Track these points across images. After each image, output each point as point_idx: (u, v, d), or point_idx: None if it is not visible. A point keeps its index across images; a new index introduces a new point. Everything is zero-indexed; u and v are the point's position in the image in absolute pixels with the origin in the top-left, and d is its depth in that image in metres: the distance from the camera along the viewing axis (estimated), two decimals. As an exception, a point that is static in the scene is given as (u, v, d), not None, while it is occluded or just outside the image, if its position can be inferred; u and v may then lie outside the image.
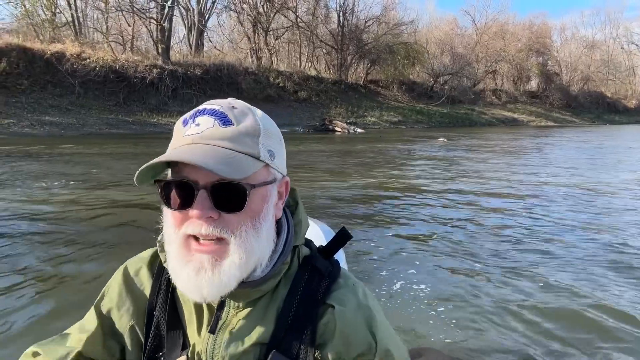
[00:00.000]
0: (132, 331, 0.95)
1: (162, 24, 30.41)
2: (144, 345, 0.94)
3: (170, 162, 0.80)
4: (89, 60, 25.91)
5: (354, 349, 0.88)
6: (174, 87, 27.74)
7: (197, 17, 33.75)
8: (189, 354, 0.89)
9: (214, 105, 0.85)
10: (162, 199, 0.83)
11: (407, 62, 44.00)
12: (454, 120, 41.11)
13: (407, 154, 15.78)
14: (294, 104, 33.67)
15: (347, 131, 27.19)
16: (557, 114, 53.24)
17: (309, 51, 42.83)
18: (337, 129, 27.53)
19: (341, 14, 42.71)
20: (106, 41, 31.06)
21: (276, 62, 40.37)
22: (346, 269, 1.07)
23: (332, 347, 0.88)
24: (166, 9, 30.66)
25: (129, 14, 31.61)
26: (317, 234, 2.34)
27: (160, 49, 30.60)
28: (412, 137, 24.29)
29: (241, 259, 0.81)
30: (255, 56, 37.69)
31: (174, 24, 33.76)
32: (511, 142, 22.60)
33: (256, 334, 0.86)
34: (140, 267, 0.99)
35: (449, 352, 2.86)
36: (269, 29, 38.75)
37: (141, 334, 0.95)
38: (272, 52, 39.79)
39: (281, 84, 34.19)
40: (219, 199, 0.79)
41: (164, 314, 0.93)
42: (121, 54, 28.94)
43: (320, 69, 43.00)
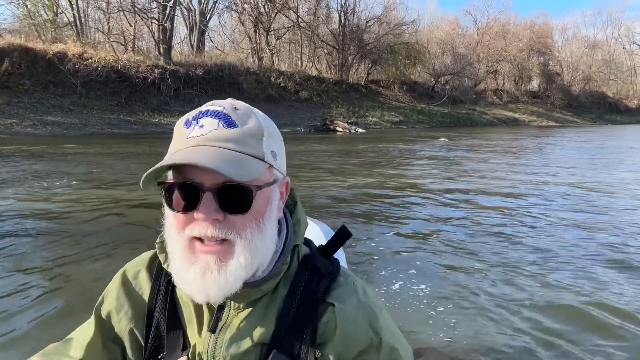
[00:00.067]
0: (131, 334, 0.95)
1: (163, 24, 30.47)
2: (144, 346, 0.93)
3: (174, 164, 0.79)
4: (90, 60, 25.99)
5: (356, 346, 0.88)
6: (176, 87, 27.81)
7: (199, 17, 33.82)
8: (190, 355, 0.89)
9: (217, 106, 0.84)
10: (165, 202, 0.82)
11: (409, 62, 43.98)
12: (455, 120, 41.10)
13: (408, 154, 15.79)
14: (295, 104, 33.71)
15: (348, 131, 27.22)
16: (559, 114, 53.20)
17: (310, 51, 42.86)
18: (339, 129, 27.56)
19: (342, 14, 42.77)
20: (108, 41, 31.15)
21: (277, 62, 40.39)
22: (346, 268, 1.07)
23: (333, 346, 0.88)
24: (168, 9, 30.73)
25: (130, 14, 31.69)
26: (317, 234, 2.34)
27: (161, 49, 30.66)
28: (413, 137, 24.30)
29: (247, 260, 0.82)
30: (256, 56, 37.73)
31: (175, 24, 33.85)
32: (512, 142, 22.60)
33: (257, 334, 0.86)
34: (138, 269, 0.99)
35: (449, 352, 2.87)
36: (270, 29, 38.78)
37: (141, 336, 0.94)
38: (273, 52, 39.82)
39: (282, 84, 34.23)
40: (225, 201, 0.79)
41: (163, 314, 0.92)
42: (123, 54, 29.02)
43: (321, 69, 43.02)
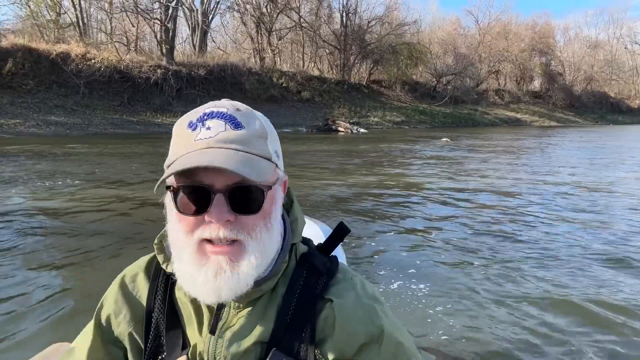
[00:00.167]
0: (131, 337, 0.95)
1: (166, 25, 30.56)
2: (144, 347, 0.94)
3: (191, 167, 0.78)
4: (93, 60, 26.11)
5: (356, 341, 0.88)
6: (178, 87, 27.89)
7: (201, 18, 33.90)
8: (190, 355, 0.89)
9: (220, 107, 0.84)
10: (173, 205, 0.82)
11: (410, 62, 43.99)
12: (456, 120, 41.10)
13: (410, 154, 15.84)
14: (297, 104, 33.76)
15: (350, 131, 27.27)
16: (560, 114, 53.13)
17: (312, 51, 42.89)
18: (340, 129, 27.61)
19: (344, 14, 42.79)
20: (110, 42, 31.25)
21: (279, 62, 40.44)
22: (346, 264, 1.08)
23: (334, 342, 0.87)
24: (170, 10, 30.82)
25: (133, 14, 31.78)
26: (317, 234, 2.36)
27: (164, 50, 30.75)
28: (415, 137, 24.33)
29: (257, 259, 0.83)
30: (258, 56, 37.79)
31: (177, 24, 33.92)
32: (514, 142, 22.62)
33: (257, 333, 0.86)
34: (136, 273, 0.99)
35: (448, 351, 2.90)
36: (272, 30, 38.83)
37: (140, 338, 0.94)
38: (275, 52, 39.88)
39: (284, 84, 34.30)
40: (236, 202, 0.80)
41: (162, 314, 0.92)
42: (126, 54, 29.12)
43: (323, 69, 43.05)
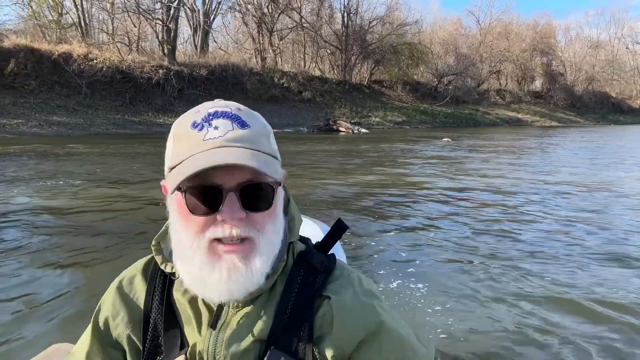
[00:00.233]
0: (129, 339, 0.95)
1: (168, 25, 30.63)
2: (142, 347, 0.94)
3: (211, 166, 0.78)
4: (95, 61, 26.17)
5: (356, 337, 0.88)
6: (180, 87, 27.95)
7: (203, 18, 33.97)
8: (190, 354, 0.89)
9: (224, 107, 0.85)
10: (184, 206, 0.81)
11: (411, 63, 44.02)
12: (458, 120, 41.11)
13: (411, 154, 15.87)
14: (298, 104, 33.80)
15: (351, 131, 27.31)
16: (562, 114, 53.10)
17: (313, 51, 42.92)
18: (342, 129, 27.65)
19: (345, 14, 42.84)
20: (112, 42, 31.32)
21: (280, 62, 40.49)
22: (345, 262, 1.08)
23: (332, 339, 0.87)
24: (172, 10, 30.89)
25: (134, 14, 31.86)
26: (317, 234, 2.34)
27: (166, 50, 30.82)
28: (416, 137, 24.34)
29: (268, 256, 0.84)
30: (259, 57, 37.83)
31: (179, 24, 34.00)
32: (515, 142, 22.64)
33: (256, 331, 0.87)
34: (133, 275, 1.00)
35: (448, 350, 2.91)
36: (273, 30, 38.89)
37: (138, 340, 0.95)
38: (276, 52, 39.95)
39: (286, 85, 34.34)
40: (248, 200, 0.81)
41: (160, 315, 0.93)
42: (127, 54, 29.19)
43: (324, 69, 43.09)
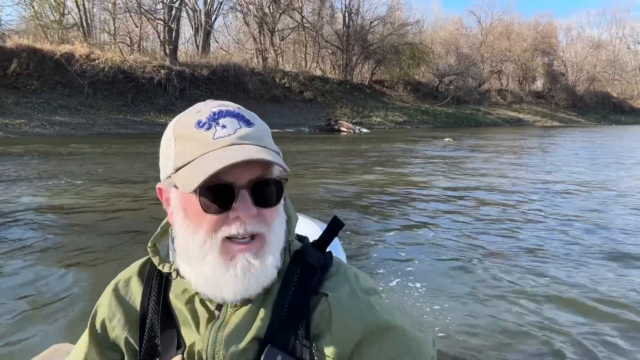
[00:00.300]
0: (127, 341, 0.95)
1: (169, 25, 30.68)
2: (139, 348, 0.94)
3: (234, 162, 0.77)
4: (97, 61, 26.22)
5: (355, 333, 0.87)
6: (182, 87, 27.99)
7: (204, 18, 34.01)
8: (187, 354, 0.89)
9: (227, 106, 0.86)
10: (197, 205, 0.81)
11: (413, 63, 43.98)
12: (459, 120, 41.10)
13: (412, 153, 15.91)
14: (299, 104, 33.83)
15: (352, 131, 27.33)
16: (563, 114, 53.03)
17: (314, 52, 42.91)
18: (343, 129, 27.68)
19: (346, 14, 42.81)
20: (114, 42, 31.37)
21: (282, 62, 40.51)
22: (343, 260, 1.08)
23: (332, 336, 0.87)
24: (173, 10, 30.95)
25: (136, 15, 31.91)
26: (317, 233, 2.40)
27: (167, 50, 30.87)
28: (417, 137, 24.37)
29: (277, 251, 0.86)
30: (261, 57, 37.86)
31: (180, 24, 34.05)
32: (516, 142, 22.65)
33: (253, 330, 0.86)
34: (129, 277, 1.00)
35: (447, 349, 2.92)
36: (274, 30, 38.92)
37: (135, 342, 0.94)
38: (277, 52, 39.98)
39: (287, 85, 34.36)
40: (258, 196, 0.82)
41: (157, 315, 0.93)
42: (129, 55, 29.25)
43: (325, 69, 43.11)
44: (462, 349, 2.95)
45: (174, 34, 31.15)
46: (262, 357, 0.84)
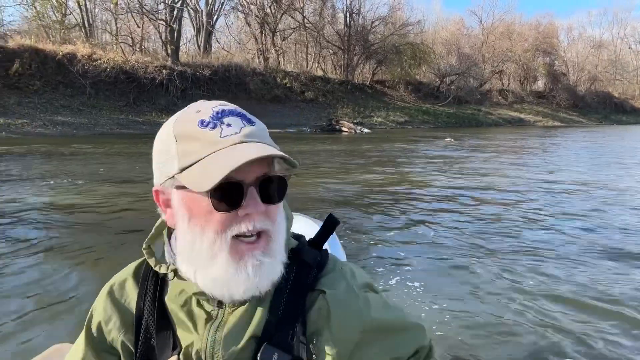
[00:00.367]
0: (123, 344, 0.95)
1: (171, 25, 30.74)
2: (134, 350, 0.94)
3: (251, 159, 0.78)
4: (99, 61, 26.27)
5: (354, 328, 0.88)
6: (183, 87, 28.03)
7: (206, 19, 34.06)
8: (183, 355, 0.89)
9: (228, 106, 0.86)
10: (207, 205, 0.80)
11: (414, 63, 43.97)
12: (460, 120, 41.10)
13: (413, 153, 15.91)
14: (301, 104, 33.86)
15: (353, 131, 27.35)
16: (564, 114, 52.98)
17: (315, 52, 42.92)
18: (344, 129, 27.69)
19: (348, 14, 42.84)
20: (116, 42, 31.44)
21: (283, 62, 40.56)
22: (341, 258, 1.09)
23: (330, 332, 0.87)
24: (175, 11, 31.01)
25: (138, 15, 31.97)
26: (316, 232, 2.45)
27: (169, 50, 30.93)
28: (419, 137, 24.36)
29: (283, 246, 0.87)
30: (262, 57, 37.90)
31: (182, 25, 34.09)
32: (517, 142, 22.64)
33: (251, 329, 0.86)
34: (124, 279, 0.99)
35: (446, 349, 2.92)
36: (276, 30, 38.96)
37: (131, 344, 0.94)
38: (279, 52, 40.01)
39: (288, 85, 34.40)
40: (265, 193, 0.82)
41: (152, 316, 0.92)
42: (131, 55, 29.30)
43: (326, 69, 43.13)
44: (462, 348, 2.95)
45: (175, 34, 31.21)
46: (259, 355, 0.84)
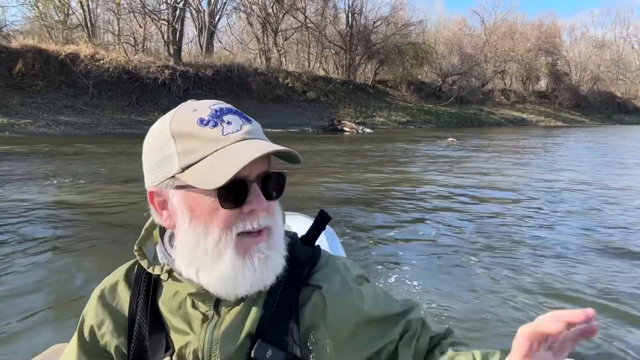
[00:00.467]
0: (116, 347, 0.95)
1: (173, 26, 30.79)
2: (127, 352, 0.93)
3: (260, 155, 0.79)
4: (102, 61, 26.32)
5: (350, 321, 0.89)
6: (186, 87, 28.06)
7: (208, 19, 34.11)
8: (177, 356, 0.89)
9: (223, 104, 0.86)
10: (214, 203, 0.80)
11: (416, 62, 43.93)
12: (462, 120, 41.07)
13: (415, 153, 15.94)
14: (302, 104, 33.87)
15: (355, 131, 27.36)
16: (566, 114, 52.90)
17: (317, 52, 42.93)
18: (346, 129, 27.70)
19: (350, 14, 42.85)
20: (119, 42, 31.51)
21: (285, 62, 40.57)
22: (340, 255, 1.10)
23: (326, 327, 0.88)
24: (177, 11, 31.06)
25: (140, 15, 32.04)
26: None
27: (171, 50, 30.98)
28: (420, 137, 24.38)
29: (282, 241, 0.88)
30: (264, 57, 37.93)
31: (184, 25, 34.12)
32: (519, 142, 22.64)
33: (247, 327, 0.87)
34: (116, 282, 0.99)
35: None
36: (278, 30, 38.98)
37: (124, 347, 0.94)
38: (281, 52, 40.03)
39: (290, 85, 34.42)
40: (267, 189, 0.83)
41: (145, 318, 0.92)
42: (133, 55, 29.36)
43: (328, 69, 43.13)
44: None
45: (177, 34, 31.25)
46: (253, 352, 0.85)
